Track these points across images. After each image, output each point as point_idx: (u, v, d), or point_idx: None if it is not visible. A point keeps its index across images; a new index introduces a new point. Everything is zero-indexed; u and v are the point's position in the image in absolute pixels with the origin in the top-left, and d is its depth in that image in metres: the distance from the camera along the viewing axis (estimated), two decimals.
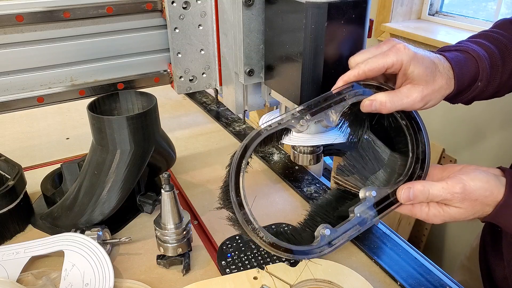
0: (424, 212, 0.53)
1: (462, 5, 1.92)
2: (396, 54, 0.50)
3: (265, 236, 0.52)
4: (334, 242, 0.54)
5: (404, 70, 0.51)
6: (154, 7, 0.67)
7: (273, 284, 0.57)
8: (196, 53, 0.70)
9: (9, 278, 0.60)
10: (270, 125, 0.52)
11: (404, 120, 0.55)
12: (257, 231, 0.51)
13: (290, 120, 0.52)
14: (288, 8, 0.54)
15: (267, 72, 0.63)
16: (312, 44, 0.52)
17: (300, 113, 0.52)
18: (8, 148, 1.01)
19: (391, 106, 0.51)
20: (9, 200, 0.68)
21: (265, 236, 0.52)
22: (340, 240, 0.54)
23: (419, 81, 0.51)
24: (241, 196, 0.51)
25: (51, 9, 0.61)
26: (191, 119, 1.16)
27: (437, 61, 0.53)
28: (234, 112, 0.71)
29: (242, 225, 0.51)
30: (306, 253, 0.53)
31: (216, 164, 0.93)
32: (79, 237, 0.64)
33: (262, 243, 0.52)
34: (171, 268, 0.64)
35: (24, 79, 0.65)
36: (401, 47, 0.50)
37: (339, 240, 0.54)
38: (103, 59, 0.69)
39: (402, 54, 0.50)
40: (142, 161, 0.69)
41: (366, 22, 0.54)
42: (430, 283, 0.61)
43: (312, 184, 0.85)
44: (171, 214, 0.60)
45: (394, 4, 1.92)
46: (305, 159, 0.69)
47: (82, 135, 1.06)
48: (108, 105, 0.72)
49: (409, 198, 0.52)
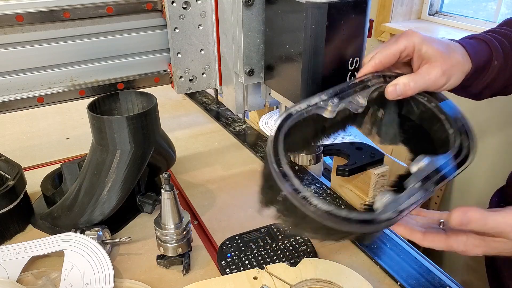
0: (462, 242, 0.46)
1: (462, 5, 1.92)
2: (406, 38, 0.51)
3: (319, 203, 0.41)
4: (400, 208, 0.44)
5: (418, 51, 0.51)
6: (154, 7, 0.67)
7: (273, 284, 0.57)
8: (196, 53, 0.70)
9: (9, 278, 0.60)
10: (300, 106, 0.48)
11: (433, 102, 0.53)
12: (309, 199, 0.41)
13: (319, 102, 0.49)
14: (288, 8, 0.54)
15: (267, 72, 0.63)
16: (312, 44, 0.52)
17: (328, 96, 0.50)
18: (8, 148, 1.01)
19: (414, 86, 0.50)
20: (9, 200, 0.68)
21: (319, 203, 0.41)
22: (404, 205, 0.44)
23: (435, 58, 0.51)
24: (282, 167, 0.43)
25: (51, 9, 0.61)
26: (191, 119, 1.16)
27: (448, 42, 0.54)
28: (234, 112, 0.71)
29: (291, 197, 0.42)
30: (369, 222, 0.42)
31: (216, 164, 0.93)
32: (79, 237, 0.64)
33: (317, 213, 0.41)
34: (171, 268, 0.64)
35: (24, 79, 0.65)
36: (409, 32, 0.51)
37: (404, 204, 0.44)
38: (103, 59, 0.69)
39: (412, 36, 0.51)
40: (142, 161, 0.69)
41: (366, 22, 0.54)
42: (430, 283, 0.62)
43: (312, 184, 0.85)
44: (171, 214, 0.60)
45: (394, 4, 1.92)
46: (305, 159, 0.69)
47: (82, 135, 1.06)
48: (108, 105, 0.72)
49: (461, 223, 0.45)
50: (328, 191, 0.82)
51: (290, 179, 0.43)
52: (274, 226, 0.71)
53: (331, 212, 0.41)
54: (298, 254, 0.65)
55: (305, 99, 0.49)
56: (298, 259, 0.63)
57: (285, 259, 0.64)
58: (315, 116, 0.50)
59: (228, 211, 0.78)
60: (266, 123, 0.70)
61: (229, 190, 0.84)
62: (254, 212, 0.77)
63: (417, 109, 0.54)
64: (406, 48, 0.51)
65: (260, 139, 1.02)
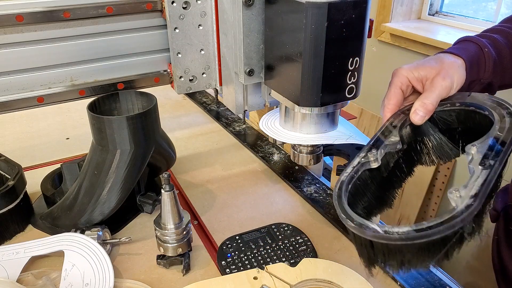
0: None
1: (462, 5, 1.92)
2: (396, 75, 0.57)
3: (399, 229, 0.42)
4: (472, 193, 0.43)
5: (414, 78, 0.56)
6: (154, 7, 0.67)
7: (273, 284, 0.57)
8: (196, 53, 0.70)
9: (9, 278, 0.60)
10: (347, 170, 0.51)
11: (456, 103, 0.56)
12: (390, 230, 0.42)
13: (360, 160, 0.52)
14: (288, 8, 0.54)
15: (267, 72, 0.63)
16: (312, 44, 0.52)
17: (364, 152, 0.53)
18: (8, 148, 1.01)
19: (431, 101, 0.54)
20: (9, 200, 0.68)
21: (399, 229, 0.42)
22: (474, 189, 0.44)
23: (430, 72, 0.56)
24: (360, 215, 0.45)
25: (51, 9, 0.61)
26: (191, 119, 1.16)
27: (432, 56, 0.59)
28: (234, 112, 0.71)
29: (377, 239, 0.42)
30: (453, 218, 0.41)
31: (216, 164, 0.93)
32: (79, 237, 0.64)
33: (404, 237, 0.41)
34: (171, 268, 0.64)
35: (24, 79, 0.65)
36: (396, 70, 0.58)
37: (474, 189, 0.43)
38: (103, 59, 0.69)
39: (399, 71, 0.57)
40: (142, 161, 0.69)
41: (366, 22, 0.54)
42: (430, 283, 0.61)
43: (312, 184, 0.85)
44: (171, 214, 0.60)
45: (394, 4, 1.92)
46: (305, 159, 0.69)
47: (82, 135, 1.06)
48: (108, 105, 0.72)
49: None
50: (328, 191, 0.82)
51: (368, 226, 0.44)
52: (274, 226, 0.71)
53: (415, 229, 0.41)
54: (298, 254, 0.65)
55: (347, 165, 0.52)
56: (298, 259, 0.63)
57: (285, 259, 0.64)
58: (367, 173, 0.52)
59: (228, 211, 0.78)
60: (266, 123, 0.70)
61: (229, 190, 0.84)
62: (254, 212, 0.77)
63: (451, 117, 0.57)
64: (401, 82, 0.57)
65: (260, 139, 1.02)
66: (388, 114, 0.57)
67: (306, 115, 0.62)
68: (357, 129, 0.70)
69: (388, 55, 1.99)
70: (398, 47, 1.91)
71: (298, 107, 0.60)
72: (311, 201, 0.79)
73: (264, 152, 0.96)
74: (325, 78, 0.54)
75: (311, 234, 0.70)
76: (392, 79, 0.58)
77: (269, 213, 0.77)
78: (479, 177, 0.45)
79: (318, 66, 0.53)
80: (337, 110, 0.64)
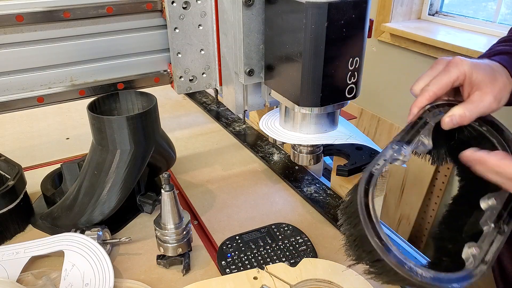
0: None
1: (462, 5, 1.92)
2: (457, 67, 0.52)
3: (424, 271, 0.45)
4: (487, 259, 0.48)
5: (469, 79, 0.52)
6: (154, 7, 0.67)
7: (273, 284, 0.57)
8: (196, 53, 0.70)
9: (9, 278, 0.60)
10: (378, 163, 0.50)
11: (484, 126, 0.54)
12: (414, 270, 0.45)
13: (393, 154, 0.51)
14: (288, 8, 0.54)
15: (267, 72, 0.63)
16: (312, 44, 0.52)
17: (398, 145, 0.51)
18: (8, 148, 1.01)
19: (470, 115, 0.51)
20: (9, 200, 0.68)
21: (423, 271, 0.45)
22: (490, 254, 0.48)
23: (484, 85, 0.52)
24: (383, 240, 0.45)
25: (51, 9, 0.61)
26: (191, 119, 1.16)
27: (491, 63, 0.55)
28: (234, 112, 0.71)
29: (397, 269, 0.44)
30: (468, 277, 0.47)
31: (216, 164, 0.93)
32: (79, 237, 0.64)
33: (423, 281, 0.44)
34: (171, 268, 0.64)
35: (24, 79, 0.65)
36: (458, 60, 0.52)
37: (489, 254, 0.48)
38: (103, 59, 0.69)
39: (462, 65, 0.52)
40: (142, 161, 0.69)
41: (366, 22, 0.54)
42: None
43: (312, 184, 0.85)
44: (171, 214, 0.60)
45: (394, 4, 1.92)
46: (305, 159, 0.69)
47: (82, 135, 1.06)
48: (108, 105, 0.72)
49: None
50: (328, 191, 0.82)
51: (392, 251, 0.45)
52: (274, 226, 0.71)
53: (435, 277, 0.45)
54: (298, 254, 0.65)
55: (379, 156, 0.51)
56: (298, 259, 0.63)
57: (285, 259, 0.64)
58: None
59: (228, 211, 0.78)
60: (266, 123, 0.70)
61: (229, 190, 0.84)
62: (254, 212, 0.77)
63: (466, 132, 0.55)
64: (458, 77, 0.52)
65: (260, 139, 1.02)
66: (426, 102, 0.53)
67: (306, 115, 0.62)
68: (357, 129, 0.70)
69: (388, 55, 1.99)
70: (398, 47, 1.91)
71: (298, 107, 0.60)
72: (311, 201, 0.79)
73: (264, 152, 0.96)
74: (325, 78, 0.54)
75: (311, 234, 0.70)
76: (448, 67, 0.53)
77: (269, 213, 0.77)
78: (493, 241, 0.48)
79: (318, 66, 0.53)
80: (337, 110, 0.64)
